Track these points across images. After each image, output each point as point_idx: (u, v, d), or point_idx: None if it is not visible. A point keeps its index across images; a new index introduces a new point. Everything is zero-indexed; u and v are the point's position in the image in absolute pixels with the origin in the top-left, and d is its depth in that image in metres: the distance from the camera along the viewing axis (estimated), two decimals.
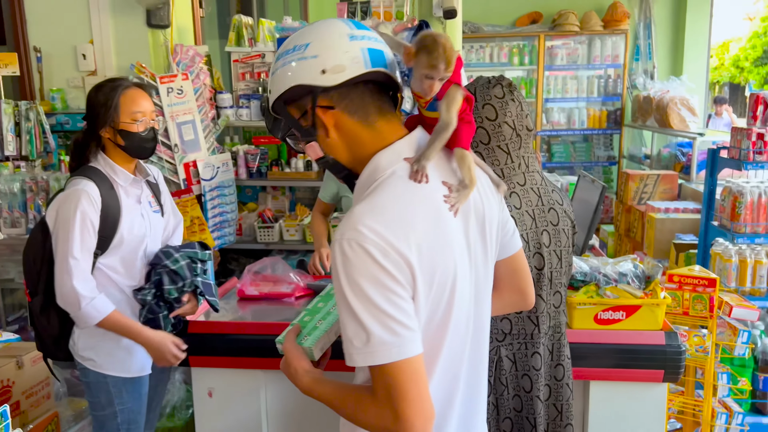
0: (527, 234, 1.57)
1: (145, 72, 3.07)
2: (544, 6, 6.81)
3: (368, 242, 0.97)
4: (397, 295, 0.98)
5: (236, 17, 3.58)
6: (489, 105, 1.54)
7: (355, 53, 1.07)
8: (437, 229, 1.03)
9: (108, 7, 3.16)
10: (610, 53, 6.66)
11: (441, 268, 1.03)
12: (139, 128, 2.00)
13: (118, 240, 2.01)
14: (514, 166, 1.57)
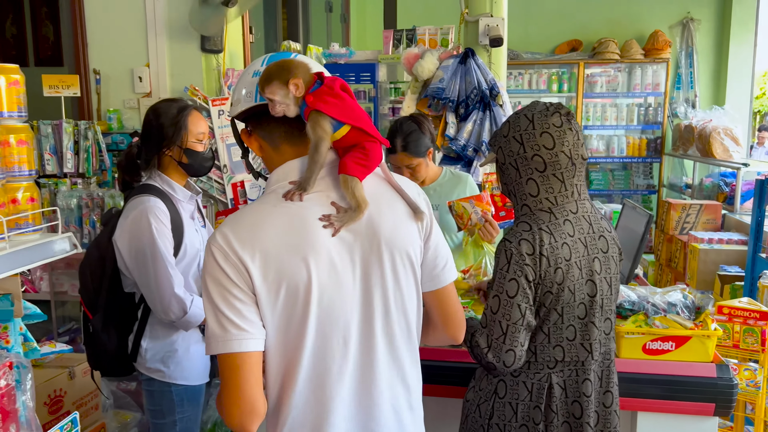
0: (580, 261, 1.58)
1: (198, 95, 3.18)
2: (583, 34, 6.84)
3: (215, 246, 1.12)
4: (233, 295, 1.10)
5: (285, 43, 3.69)
6: (547, 133, 1.56)
7: (249, 88, 1.21)
8: (291, 243, 1.12)
9: (164, 32, 3.29)
10: (650, 81, 6.64)
11: (290, 280, 1.11)
12: (203, 147, 2.10)
13: (181, 254, 2.08)
14: (567, 194, 1.59)
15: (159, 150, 2.07)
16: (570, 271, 1.56)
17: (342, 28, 6.54)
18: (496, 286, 1.57)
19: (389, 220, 1.21)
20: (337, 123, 1.17)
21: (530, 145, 1.56)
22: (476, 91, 3.02)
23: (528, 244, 1.54)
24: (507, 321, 1.55)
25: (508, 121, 1.63)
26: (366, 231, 1.19)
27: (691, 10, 6.61)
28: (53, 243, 1.17)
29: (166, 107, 2.07)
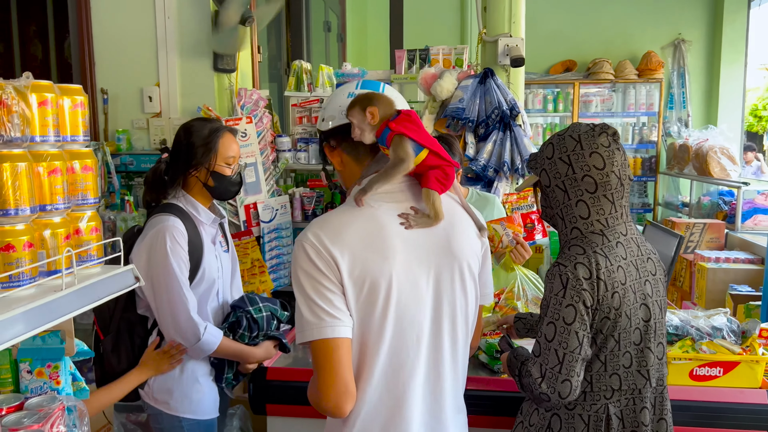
0: (633, 285, 1.54)
1: (212, 115, 3.10)
2: (577, 54, 6.90)
3: (307, 243, 1.25)
4: (324, 287, 1.23)
5: (296, 62, 3.64)
6: (596, 154, 1.52)
7: (344, 107, 1.35)
8: (374, 245, 1.26)
9: (176, 51, 3.22)
10: (644, 101, 6.71)
11: (373, 276, 1.24)
12: (231, 172, 2.04)
13: (199, 278, 2.00)
14: (617, 215, 1.55)
15: (186, 170, 2.00)
16: (626, 296, 1.51)
17: (339, 48, 6.53)
18: (551, 312, 1.51)
19: (460, 235, 1.36)
20: (418, 146, 1.31)
21: (579, 166, 1.53)
22: (497, 111, 2.99)
23: (584, 268, 1.49)
24: (564, 349, 1.49)
25: (551, 143, 1.60)
26: (440, 241, 1.33)
27: (683, 31, 6.72)
28: (118, 276, 1.09)
29: (199, 126, 2.00)
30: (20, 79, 0.96)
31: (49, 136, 1.01)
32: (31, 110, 0.97)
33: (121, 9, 3.22)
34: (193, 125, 2.01)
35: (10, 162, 0.93)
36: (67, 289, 0.97)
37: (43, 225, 1.00)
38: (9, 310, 0.87)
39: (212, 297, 2.07)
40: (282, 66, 4.70)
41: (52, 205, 1.01)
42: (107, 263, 1.17)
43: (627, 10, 6.74)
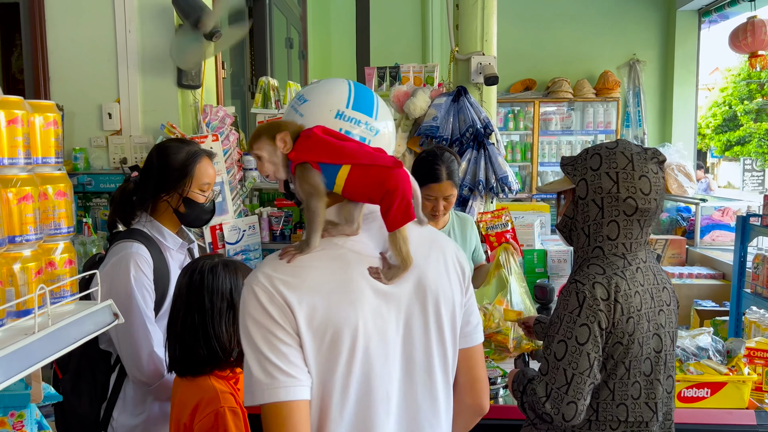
0: (648, 313, 1.49)
1: (176, 132, 2.97)
2: (537, 73, 7.00)
3: (258, 286, 1.04)
4: (278, 338, 1.02)
5: (263, 79, 3.53)
6: (645, 178, 1.46)
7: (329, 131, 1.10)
8: (339, 288, 1.05)
9: (137, 66, 3.07)
10: (602, 119, 6.84)
11: (336, 326, 1.04)
12: (205, 199, 1.92)
13: (165, 309, 1.87)
14: (641, 241, 1.50)
15: (157, 194, 1.87)
16: (640, 323, 1.46)
17: (300, 64, 6.45)
18: (564, 330, 1.44)
19: (434, 269, 1.16)
20: (332, 167, 1.05)
21: (626, 187, 1.45)
22: (471, 129, 2.95)
23: (603, 289, 1.43)
24: (573, 370, 1.42)
25: (598, 154, 1.49)
26: (410, 278, 1.12)
27: (637, 51, 6.90)
28: (94, 314, 0.97)
29: (175, 148, 1.87)
30: None
31: (18, 158, 0.90)
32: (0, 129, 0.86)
33: (79, 21, 3.06)
34: (169, 146, 1.89)
35: None
36: (40, 331, 0.85)
37: (11, 258, 0.88)
38: None
39: None
40: (245, 83, 4.58)
41: (23, 236, 0.89)
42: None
43: (584, 31, 6.89)
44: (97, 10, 3.05)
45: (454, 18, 3.19)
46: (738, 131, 13.92)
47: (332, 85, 1.15)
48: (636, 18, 6.82)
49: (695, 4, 6.40)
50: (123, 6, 3.04)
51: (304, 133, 1.07)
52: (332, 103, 1.12)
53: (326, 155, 1.04)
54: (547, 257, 3.27)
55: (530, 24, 6.81)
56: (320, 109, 1.11)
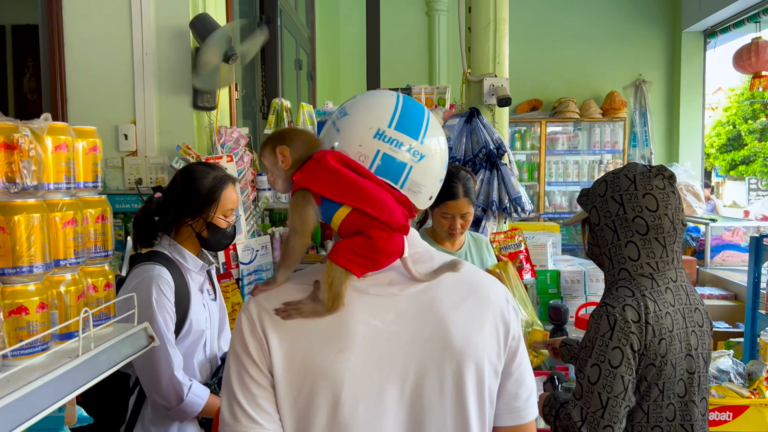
0: (679, 334, 1.49)
1: (191, 153, 2.99)
2: (543, 94, 7.06)
3: (246, 314, 0.94)
4: (250, 376, 0.91)
5: (276, 100, 3.57)
6: (650, 195, 1.48)
7: (366, 152, 0.97)
8: (325, 330, 0.91)
9: (153, 88, 3.10)
10: (609, 139, 6.88)
11: (316, 375, 0.89)
12: (227, 224, 1.93)
13: (186, 331, 1.87)
14: (668, 260, 1.50)
15: (181, 218, 1.88)
16: (672, 344, 1.46)
17: (309, 85, 6.51)
18: (597, 354, 1.45)
19: (463, 321, 0.95)
20: (333, 204, 0.93)
21: (632, 207, 1.48)
22: (484, 150, 2.97)
23: (633, 311, 1.43)
24: (608, 393, 1.42)
25: (605, 181, 1.56)
26: (430, 330, 0.93)
27: (643, 72, 6.95)
28: (132, 337, 0.98)
29: (202, 174, 1.88)
30: (37, 121, 0.87)
31: (63, 183, 0.91)
32: (47, 155, 0.88)
33: (97, 43, 3.10)
34: (196, 171, 1.91)
35: (25, 214, 0.82)
36: (84, 354, 0.86)
37: (56, 282, 0.89)
38: (25, 383, 0.76)
39: (199, 350, 1.94)
40: (257, 104, 4.62)
41: (66, 260, 0.91)
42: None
43: (590, 52, 6.95)
44: (115, 33, 3.09)
45: (466, 41, 3.23)
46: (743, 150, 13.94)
47: (377, 99, 1.02)
48: (641, 39, 6.89)
49: (700, 26, 6.46)
50: (140, 29, 3.08)
51: (317, 155, 0.95)
52: (373, 119, 0.97)
53: (331, 189, 0.92)
54: (560, 278, 3.27)
55: (536, 45, 6.87)
56: (359, 126, 0.98)
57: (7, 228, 0.80)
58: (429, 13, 7.00)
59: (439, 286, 0.97)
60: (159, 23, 3.09)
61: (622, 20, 6.87)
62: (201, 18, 2.95)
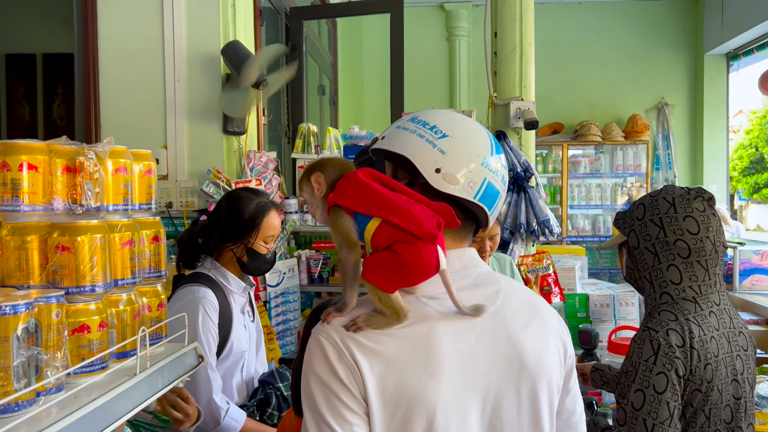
0: (725, 359, 1.46)
1: (221, 177, 3.04)
2: (564, 117, 7.06)
3: (328, 340, 0.91)
4: (343, 403, 0.88)
5: (303, 125, 3.62)
6: (691, 218, 1.47)
7: (475, 178, 0.98)
8: (418, 355, 0.90)
9: (184, 113, 3.17)
10: (632, 162, 6.84)
11: (410, 400, 0.88)
12: (267, 251, 1.96)
13: (226, 352, 1.89)
14: (711, 283, 1.49)
15: (223, 242, 1.92)
16: (718, 369, 1.44)
17: (331, 110, 6.58)
18: (641, 379, 1.43)
19: (534, 341, 0.97)
20: (363, 218, 0.92)
21: (672, 230, 1.47)
22: (511, 172, 2.98)
23: (677, 335, 1.41)
24: (653, 420, 1.40)
25: (642, 204, 1.55)
26: (503, 348, 0.95)
27: (665, 95, 6.94)
28: (183, 357, 0.99)
29: (246, 200, 1.93)
30: (100, 144, 0.89)
31: (121, 204, 0.94)
32: (108, 177, 0.90)
33: (130, 71, 3.19)
34: (240, 197, 1.95)
35: (89, 234, 0.85)
36: (141, 373, 0.88)
37: (114, 302, 0.91)
38: (89, 401, 0.77)
39: (238, 371, 1.95)
40: (282, 128, 4.69)
41: (124, 280, 0.93)
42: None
43: (611, 75, 6.96)
44: (148, 60, 3.17)
45: (492, 65, 3.26)
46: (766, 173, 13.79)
47: (471, 124, 1.03)
48: (663, 62, 6.89)
49: (723, 48, 6.45)
50: (173, 56, 3.16)
51: (347, 174, 0.96)
52: (477, 146, 1.00)
53: (359, 203, 0.92)
54: (589, 301, 3.24)
55: (558, 69, 6.90)
56: (467, 151, 0.99)
57: (72, 248, 0.83)
58: (449, 38, 7.07)
59: (509, 306, 0.98)
60: (191, 50, 3.16)
61: (644, 44, 6.89)
62: (232, 45, 3.02)
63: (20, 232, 0.82)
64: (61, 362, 0.77)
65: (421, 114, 1.04)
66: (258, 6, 3.68)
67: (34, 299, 0.74)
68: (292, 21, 4.57)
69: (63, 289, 0.82)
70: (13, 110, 5.92)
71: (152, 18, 3.16)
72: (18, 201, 0.82)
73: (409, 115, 1.06)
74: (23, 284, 0.83)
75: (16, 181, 0.81)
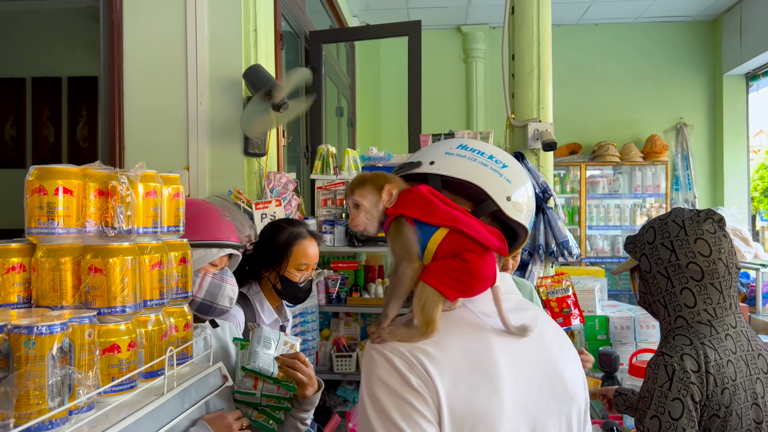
0: (744, 382, 1.44)
1: (242, 198, 3.08)
2: (582, 138, 7.05)
3: (393, 352, 0.89)
4: (419, 412, 0.86)
5: (322, 147, 3.66)
6: (702, 240, 1.47)
7: (531, 206, 1.06)
8: (481, 369, 0.90)
9: (206, 135, 3.22)
10: (650, 183, 6.80)
11: (476, 415, 0.88)
12: (300, 279, 2.02)
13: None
14: (725, 305, 1.48)
15: (261, 268, 2.04)
16: (736, 393, 1.42)
17: (349, 132, 6.64)
18: (656, 405, 1.41)
19: (569, 365, 1.01)
20: (428, 228, 0.93)
21: (684, 253, 1.47)
22: None
23: (692, 360, 1.40)
24: None
25: (652, 227, 1.55)
26: (547, 372, 0.97)
27: (684, 115, 6.90)
28: (209, 376, 1.01)
29: (280, 229, 2.05)
30: (132, 169, 0.92)
31: (150, 227, 0.96)
32: (139, 201, 0.93)
33: (153, 93, 3.25)
34: (278, 226, 2.10)
35: (121, 256, 0.87)
36: (169, 392, 0.89)
37: (143, 322, 0.93)
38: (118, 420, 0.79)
39: None
40: (301, 150, 4.74)
41: (152, 301, 0.95)
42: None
43: (629, 96, 6.95)
44: (171, 83, 3.24)
45: (510, 87, 3.29)
46: None
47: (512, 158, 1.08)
48: (682, 82, 6.87)
49: (742, 69, 6.42)
50: (195, 79, 3.22)
51: (407, 188, 0.98)
52: (525, 175, 1.07)
53: (426, 213, 0.93)
54: (609, 324, 3.21)
55: (575, 90, 6.91)
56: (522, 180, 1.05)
57: (104, 270, 0.85)
58: (467, 60, 7.12)
59: (547, 331, 1.02)
60: (213, 74, 3.22)
61: (662, 64, 6.88)
62: (254, 69, 3.07)
63: (55, 254, 0.85)
64: (92, 381, 0.78)
65: (469, 142, 1.05)
66: (279, 30, 3.75)
67: (68, 320, 0.76)
68: (311, 44, 4.64)
69: (95, 310, 0.85)
70: (39, 132, 6.05)
71: (176, 43, 3.23)
72: (53, 224, 0.85)
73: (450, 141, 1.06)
74: (57, 304, 0.85)
75: (51, 204, 0.84)
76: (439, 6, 6.51)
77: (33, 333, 0.71)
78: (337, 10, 5.73)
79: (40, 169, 0.86)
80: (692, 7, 6.48)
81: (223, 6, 3.22)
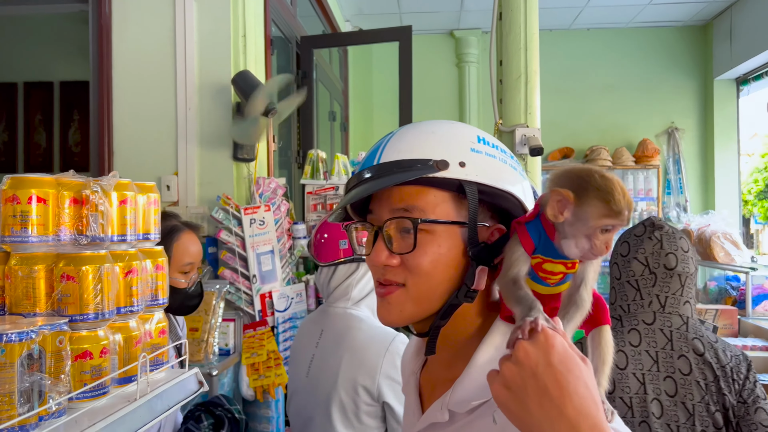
0: (642, 375, 1.52)
1: (230, 203, 3.09)
2: (574, 142, 7.08)
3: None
4: None
5: (312, 151, 3.67)
6: (625, 242, 1.62)
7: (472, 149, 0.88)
8: None
9: (195, 141, 3.24)
10: (642, 187, 6.83)
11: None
12: (188, 283, 1.69)
13: None
14: (643, 303, 1.57)
15: None
16: (624, 381, 1.49)
17: (342, 136, 6.66)
18: None
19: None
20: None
21: (611, 254, 1.64)
22: None
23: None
24: None
25: (628, 242, 1.70)
26: None
27: (675, 119, 6.94)
28: (184, 382, 1.02)
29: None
30: (106, 178, 0.94)
31: (126, 234, 0.98)
32: (113, 209, 0.94)
33: (143, 99, 3.27)
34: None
35: (93, 264, 0.88)
36: (141, 398, 0.90)
37: (117, 328, 0.95)
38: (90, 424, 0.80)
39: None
40: (292, 154, 4.75)
41: (127, 308, 0.96)
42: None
43: (621, 100, 6.99)
44: (160, 88, 3.26)
45: (497, 92, 3.30)
46: None
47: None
48: (673, 87, 6.91)
49: (732, 73, 6.47)
50: (184, 84, 3.24)
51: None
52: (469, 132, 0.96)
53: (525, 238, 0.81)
54: None
55: (568, 95, 6.94)
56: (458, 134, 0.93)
57: (76, 278, 0.86)
58: (459, 64, 7.15)
59: None
60: (202, 80, 3.24)
61: (654, 69, 6.93)
62: (242, 75, 3.09)
63: (28, 262, 0.86)
64: (63, 387, 0.80)
65: (483, 134, 0.91)
66: (269, 36, 3.76)
67: (39, 327, 0.77)
68: (302, 49, 4.66)
69: (67, 317, 0.86)
70: (31, 137, 6.05)
71: (165, 48, 3.25)
72: (26, 232, 0.86)
73: (464, 130, 0.89)
74: (30, 312, 0.86)
75: (25, 213, 0.86)
76: (432, 11, 6.54)
77: (2, 340, 0.72)
78: (330, 15, 5.76)
79: (13, 178, 0.87)
80: (683, 12, 6.53)
81: (212, 11, 3.24)
